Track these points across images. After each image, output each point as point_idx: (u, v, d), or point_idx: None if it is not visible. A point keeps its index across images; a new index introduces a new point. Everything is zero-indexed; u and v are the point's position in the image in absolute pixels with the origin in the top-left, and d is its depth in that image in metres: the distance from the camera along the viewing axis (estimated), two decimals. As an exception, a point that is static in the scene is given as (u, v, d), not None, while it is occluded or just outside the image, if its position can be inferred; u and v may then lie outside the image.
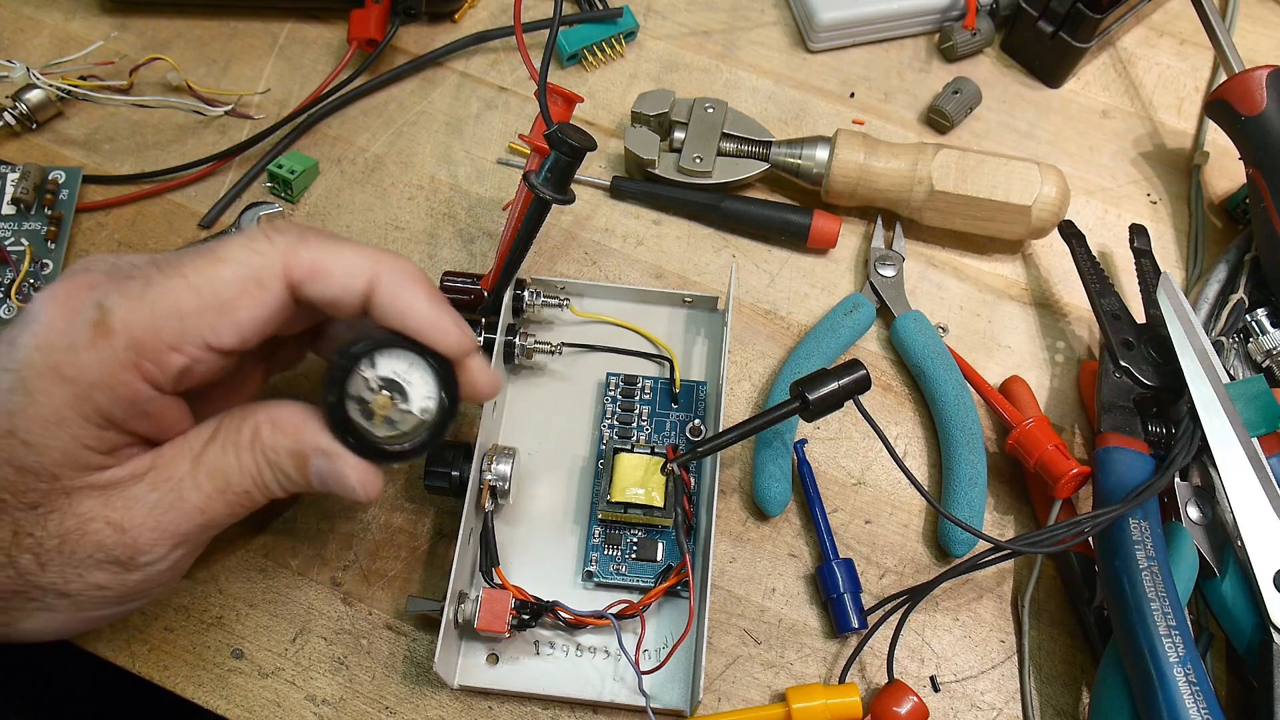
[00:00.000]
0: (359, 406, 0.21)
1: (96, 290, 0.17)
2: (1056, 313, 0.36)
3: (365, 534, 0.30)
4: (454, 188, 0.38)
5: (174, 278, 0.18)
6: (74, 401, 0.17)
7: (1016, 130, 0.40)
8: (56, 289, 0.17)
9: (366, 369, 0.21)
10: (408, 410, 0.21)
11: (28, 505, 0.17)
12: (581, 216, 0.37)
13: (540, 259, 0.36)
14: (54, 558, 0.18)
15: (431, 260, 0.36)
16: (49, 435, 0.17)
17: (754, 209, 0.36)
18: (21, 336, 0.17)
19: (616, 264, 0.36)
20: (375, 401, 0.21)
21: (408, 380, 0.21)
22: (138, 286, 0.17)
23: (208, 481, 0.19)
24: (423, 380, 0.21)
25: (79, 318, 0.17)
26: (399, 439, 0.21)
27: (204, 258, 0.18)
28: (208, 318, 0.18)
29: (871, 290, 0.35)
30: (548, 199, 0.28)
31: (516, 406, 0.32)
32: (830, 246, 0.36)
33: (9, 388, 0.17)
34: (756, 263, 0.37)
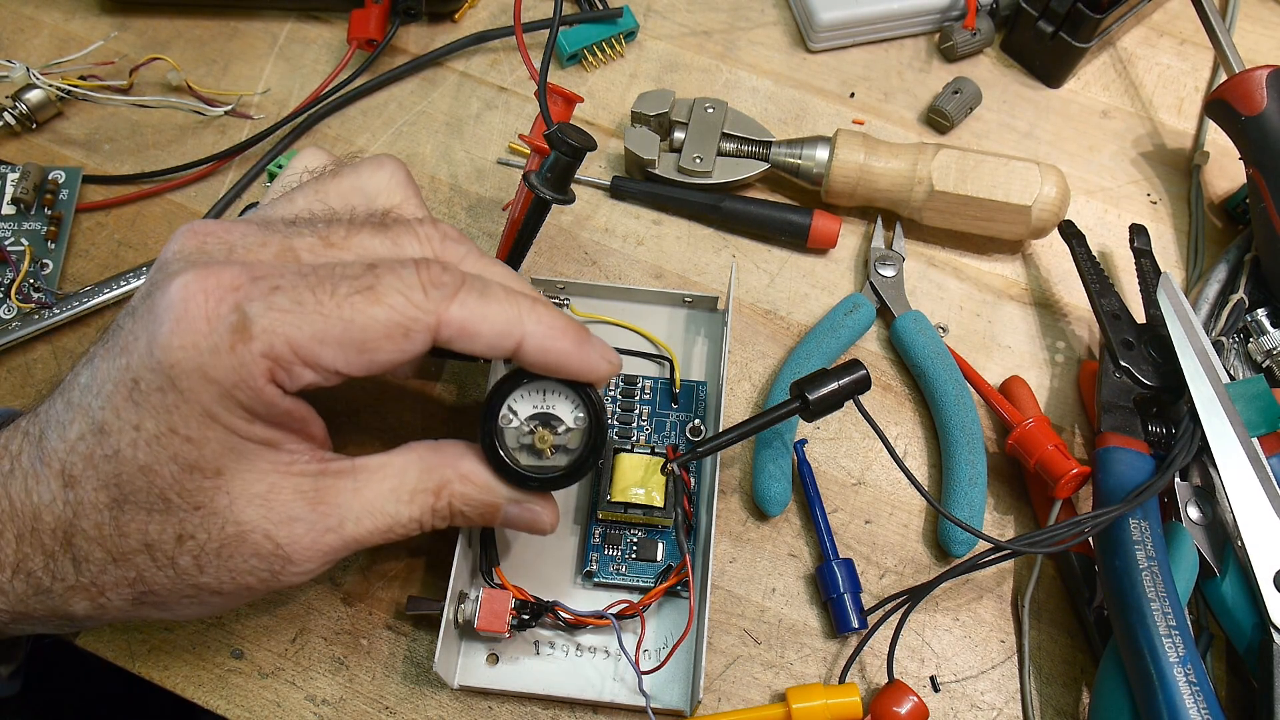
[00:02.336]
0: (524, 450, 0.23)
1: (238, 292, 0.17)
2: (1056, 313, 0.36)
3: (365, 534, 0.30)
4: (454, 188, 0.38)
5: (325, 303, 0.18)
6: (220, 399, 0.17)
7: (1016, 130, 0.40)
8: (194, 283, 0.17)
9: (515, 418, 0.23)
10: (567, 430, 0.23)
11: (192, 507, 0.18)
12: (581, 216, 0.37)
13: (540, 259, 0.36)
14: (212, 560, 0.18)
15: None
16: (206, 428, 0.17)
17: (754, 209, 0.36)
18: (164, 335, 0.17)
19: (616, 264, 0.36)
20: (537, 439, 0.23)
21: (552, 406, 0.23)
22: (286, 302, 0.18)
23: (371, 521, 0.20)
24: (564, 399, 0.23)
25: (221, 322, 0.17)
26: (565, 457, 0.23)
27: (361, 293, 0.18)
28: (348, 352, 0.18)
29: (871, 290, 0.35)
30: (548, 199, 0.28)
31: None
32: (830, 246, 0.36)
33: (161, 386, 0.17)
34: (756, 263, 0.37)
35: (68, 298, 0.33)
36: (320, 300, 0.18)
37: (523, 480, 0.22)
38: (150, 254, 0.35)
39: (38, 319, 0.33)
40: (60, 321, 0.33)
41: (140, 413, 0.17)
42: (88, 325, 0.34)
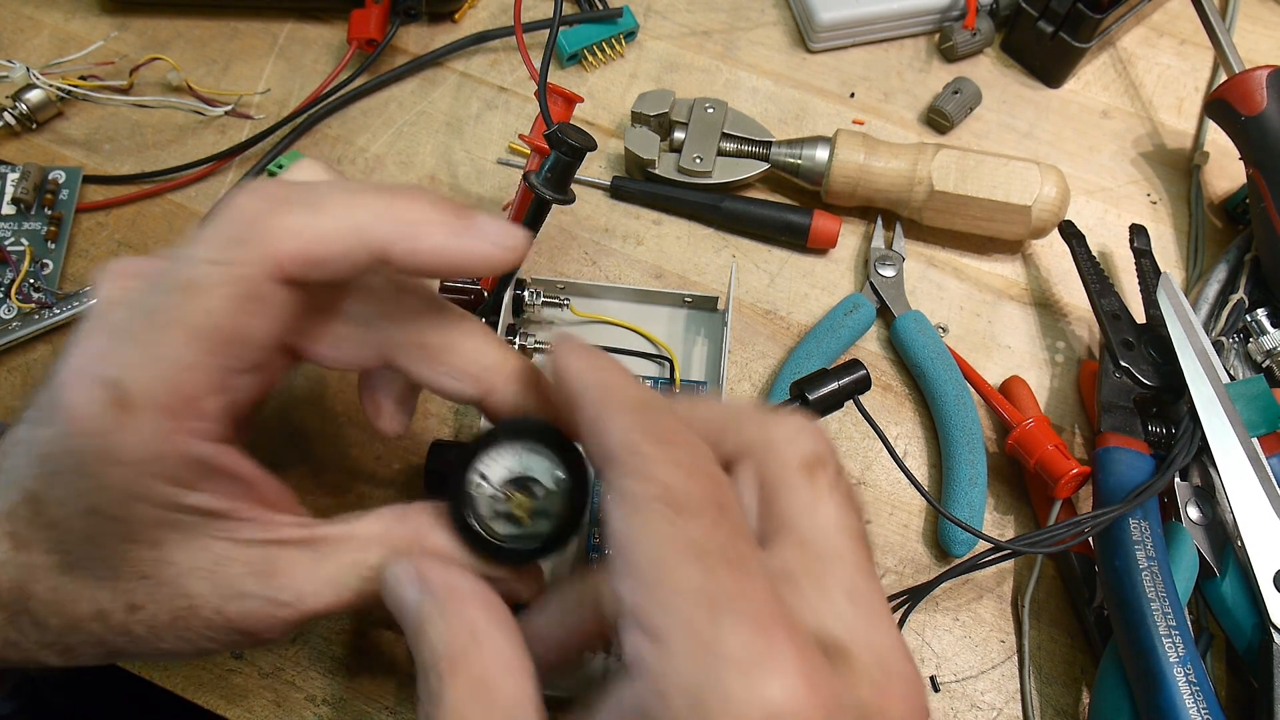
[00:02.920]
0: (500, 518, 0.20)
1: (104, 361, 0.16)
2: (1056, 313, 0.36)
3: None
4: (454, 187, 0.38)
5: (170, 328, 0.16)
6: (136, 478, 0.16)
7: (1016, 130, 0.40)
8: (65, 369, 0.16)
9: (486, 485, 0.20)
10: (547, 492, 0.20)
11: (138, 576, 0.17)
12: (581, 216, 0.37)
13: (540, 259, 0.36)
14: (168, 631, 0.18)
15: None
16: (131, 507, 0.16)
17: (754, 209, 0.36)
18: (61, 419, 0.16)
19: (616, 264, 0.36)
20: (514, 505, 0.20)
21: (528, 468, 0.20)
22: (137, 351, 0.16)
23: (332, 595, 0.19)
24: (540, 458, 0.20)
25: (95, 402, 0.15)
26: (547, 523, 0.20)
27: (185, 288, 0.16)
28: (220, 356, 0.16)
29: (871, 290, 0.35)
30: (548, 199, 0.28)
31: None
32: (830, 246, 0.36)
33: (75, 469, 0.16)
34: (756, 263, 0.37)
35: (68, 298, 0.33)
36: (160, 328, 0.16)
37: (500, 554, 0.19)
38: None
39: (38, 319, 0.33)
40: (60, 321, 0.33)
41: (66, 490, 0.16)
42: (88, 325, 0.34)
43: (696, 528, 0.14)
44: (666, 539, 0.14)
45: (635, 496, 0.15)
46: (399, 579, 0.18)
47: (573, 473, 0.20)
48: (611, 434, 0.15)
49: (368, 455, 0.32)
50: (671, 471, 0.15)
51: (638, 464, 0.15)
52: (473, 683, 0.16)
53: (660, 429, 0.15)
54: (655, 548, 0.14)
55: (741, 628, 0.13)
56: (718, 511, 0.15)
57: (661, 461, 0.15)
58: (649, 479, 0.15)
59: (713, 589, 0.14)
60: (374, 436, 0.32)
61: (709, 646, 0.13)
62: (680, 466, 0.15)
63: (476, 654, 0.17)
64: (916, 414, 0.33)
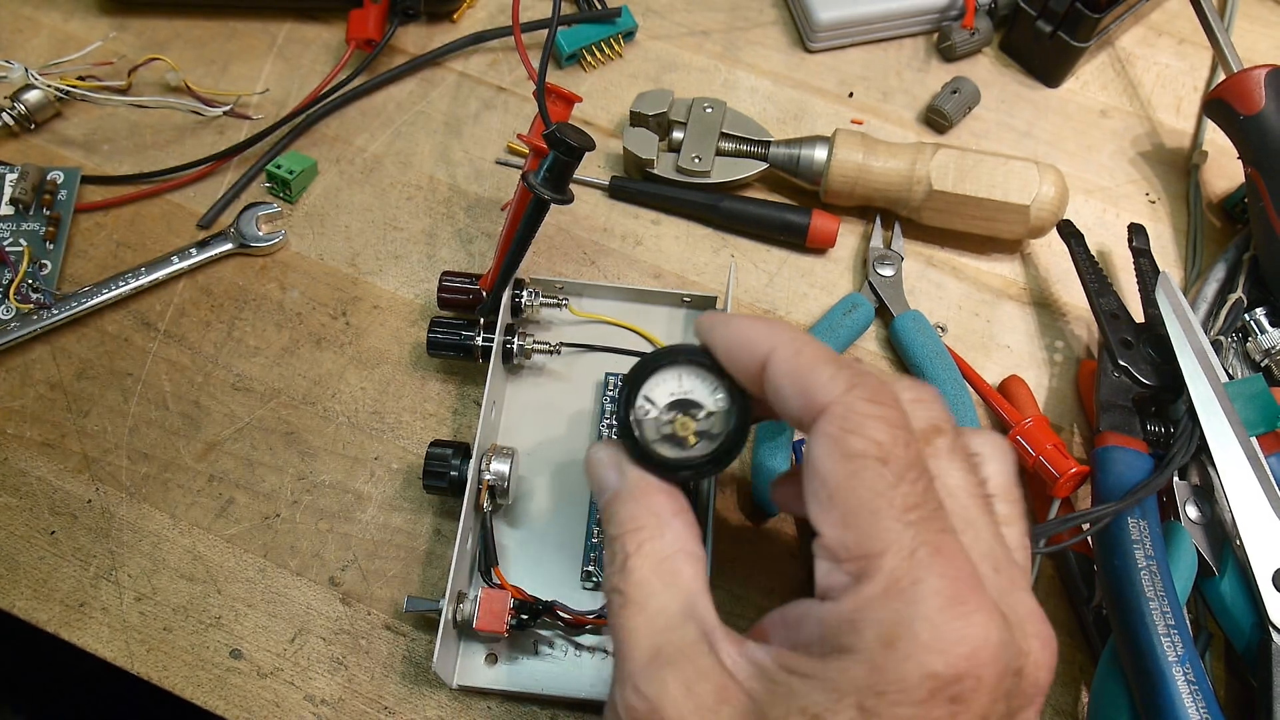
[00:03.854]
0: (665, 441, 0.21)
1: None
2: (1055, 312, 0.36)
3: (364, 534, 0.30)
4: (452, 188, 0.38)
5: None
6: None
7: (1015, 130, 0.40)
8: None
9: (652, 408, 0.21)
10: (708, 414, 0.21)
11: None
12: (580, 216, 0.37)
13: (539, 259, 0.36)
14: None
15: (430, 260, 0.36)
16: None
17: (752, 209, 0.36)
18: None
19: (615, 264, 0.36)
20: (678, 427, 0.21)
21: (690, 390, 0.21)
22: None
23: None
24: (701, 381, 0.21)
25: None
26: (709, 444, 0.21)
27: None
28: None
29: (870, 290, 0.35)
30: (546, 199, 0.28)
31: (515, 406, 0.32)
32: (829, 246, 0.36)
33: None
34: (755, 262, 0.37)
35: (66, 298, 0.33)
36: None
37: (671, 471, 0.21)
38: (149, 254, 0.35)
39: (36, 319, 0.33)
40: (59, 322, 0.33)
41: None
42: (86, 326, 0.34)
43: (906, 488, 0.16)
44: (879, 494, 0.16)
45: (854, 450, 0.16)
46: (602, 461, 0.21)
47: (732, 395, 0.21)
48: (822, 386, 0.17)
49: (367, 455, 0.32)
50: (886, 432, 0.16)
51: (857, 421, 0.17)
52: (657, 561, 0.19)
53: (869, 388, 0.17)
54: (870, 499, 0.16)
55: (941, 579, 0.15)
56: (921, 475, 0.16)
57: (877, 420, 0.17)
58: (866, 436, 0.16)
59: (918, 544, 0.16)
60: (372, 436, 0.32)
61: (909, 591, 0.15)
62: (893, 428, 0.17)
63: (659, 536, 0.19)
64: (915, 413, 0.33)
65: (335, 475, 0.31)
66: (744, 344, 0.19)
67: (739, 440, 0.21)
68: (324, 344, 0.34)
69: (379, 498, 0.31)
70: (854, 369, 0.18)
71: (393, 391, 0.33)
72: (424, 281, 0.35)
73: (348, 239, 0.36)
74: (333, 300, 0.35)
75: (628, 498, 0.20)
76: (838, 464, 0.16)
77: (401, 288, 0.35)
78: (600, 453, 0.21)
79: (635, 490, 0.20)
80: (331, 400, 0.33)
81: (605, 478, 0.21)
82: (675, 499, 0.20)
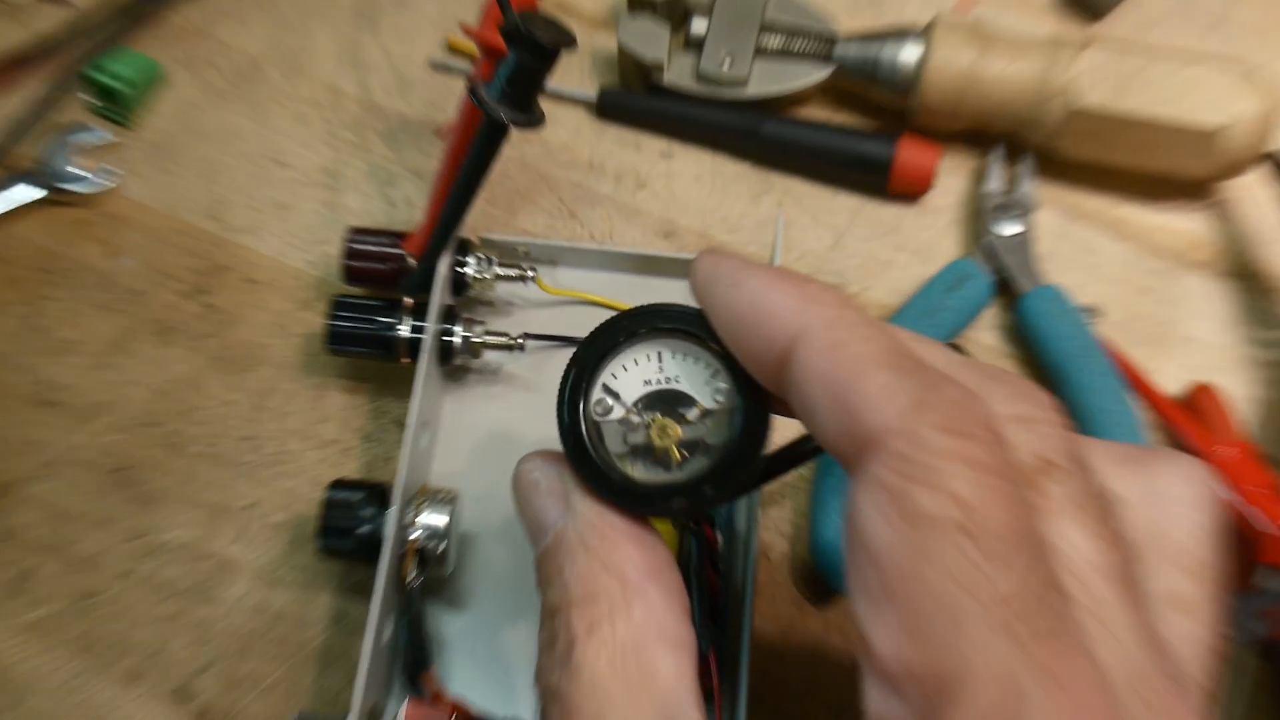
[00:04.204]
0: (636, 456, 0.20)
1: None
2: (1263, 288, 0.36)
3: (229, 621, 0.30)
4: (365, 104, 0.38)
5: None
6: None
7: (1201, 17, 0.40)
8: None
9: (616, 404, 0.20)
10: (703, 414, 0.20)
11: None
12: (554, 147, 0.37)
13: (494, 209, 0.36)
14: None
15: (331, 212, 0.36)
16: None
17: (810, 135, 0.36)
18: None
19: (606, 217, 0.36)
20: (655, 433, 0.20)
21: (674, 377, 0.20)
22: None
23: None
24: (692, 363, 0.20)
25: None
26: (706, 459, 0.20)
27: None
28: None
29: (986, 255, 0.35)
30: (504, 121, 0.28)
31: (458, 428, 0.32)
32: (923, 191, 0.36)
33: None
34: (815, 215, 0.37)
35: None
36: None
37: (644, 504, 0.19)
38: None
39: None
40: None
41: None
42: None
43: (1006, 574, 0.14)
44: (961, 584, 0.14)
45: (922, 512, 0.15)
46: (538, 485, 0.20)
47: (741, 386, 0.20)
48: (873, 404, 0.16)
49: (234, 502, 0.32)
50: (973, 483, 0.15)
51: (927, 465, 0.15)
52: (619, 651, 0.18)
53: (948, 407, 0.16)
54: (946, 593, 0.14)
55: None
56: (1033, 554, 0.15)
57: (959, 462, 0.15)
58: (941, 490, 0.15)
59: (1022, 667, 0.14)
60: (243, 474, 0.32)
61: None
62: (986, 474, 0.15)
63: (623, 612, 0.18)
64: (1055, 439, 0.33)
65: (187, 533, 0.31)
66: (757, 317, 0.18)
67: (751, 455, 0.19)
68: (172, 336, 0.34)
69: (252, 566, 0.31)
70: (924, 376, 0.16)
71: (274, 407, 0.33)
72: (322, 243, 0.35)
73: (208, 181, 0.36)
74: (186, 271, 0.35)
75: (578, 548, 0.19)
76: (896, 534, 0.15)
77: (288, 252, 0.35)
78: (536, 471, 0.20)
79: (589, 535, 0.19)
80: (182, 420, 0.33)
81: (542, 512, 0.20)
82: (651, 551, 0.19)
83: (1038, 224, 0.36)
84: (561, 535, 0.19)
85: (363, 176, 0.37)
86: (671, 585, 0.19)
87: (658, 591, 0.19)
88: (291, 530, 0.31)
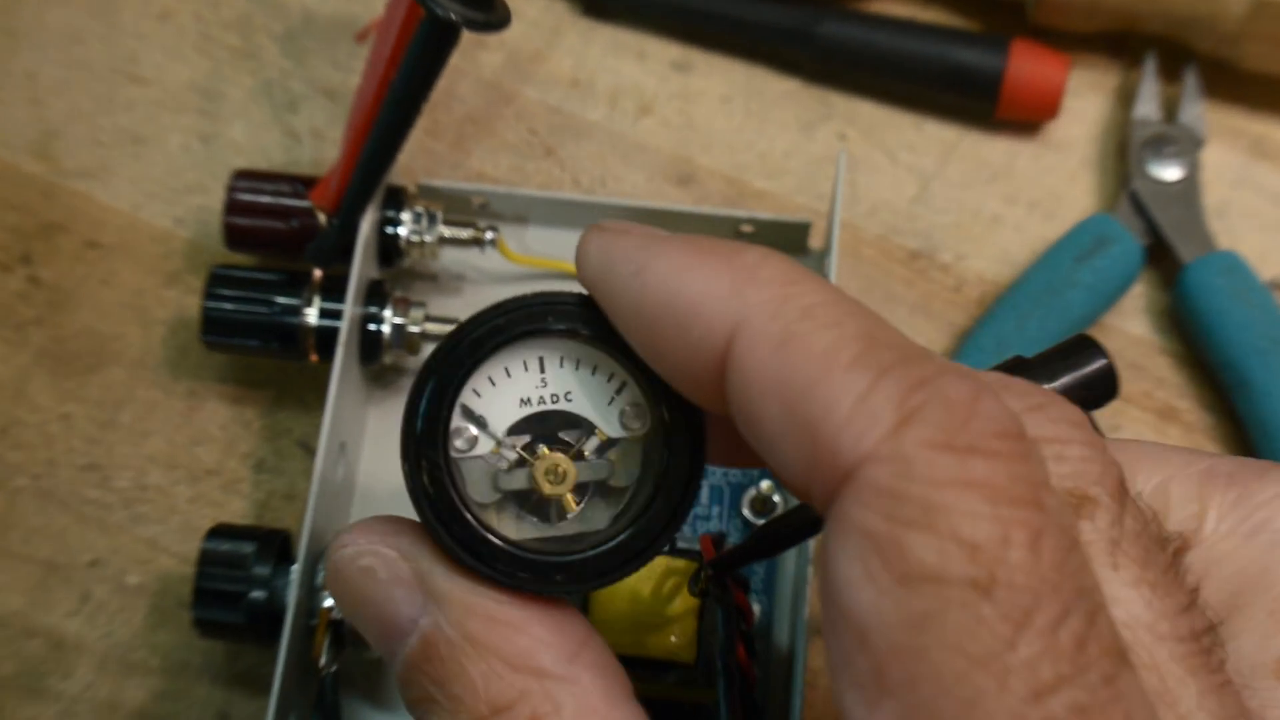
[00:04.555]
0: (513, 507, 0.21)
1: None
2: None
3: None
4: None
5: None
6: None
7: None
8: None
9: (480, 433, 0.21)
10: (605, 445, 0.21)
11: None
12: (524, 56, 0.37)
13: (439, 143, 0.36)
14: None
15: (208, 147, 0.36)
16: None
17: (885, 39, 0.37)
18: None
19: (596, 155, 0.37)
20: (540, 473, 0.21)
21: (566, 391, 0.21)
22: None
23: None
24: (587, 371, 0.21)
25: None
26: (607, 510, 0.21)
27: None
28: None
29: (1134, 209, 0.36)
30: (452, 20, 0.28)
31: (388, 452, 0.32)
32: (1045, 117, 0.37)
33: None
34: (891, 152, 0.37)
35: None
36: None
37: (526, 574, 0.20)
38: None
39: None
40: None
41: None
42: None
43: (1043, 652, 0.15)
44: (983, 666, 0.15)
45: (919, 568, 0.15)
46: (373, 573, 0.21)
47: (659, 402, 0.20)
48: (846, 414, 0.16)
49: (75, 556, 0.32)
50: (989, 519, 0.15)
51: (918, 498, 0.15)
52: None
53: (945, 410, 0.16)
54: (961, 678, 0.15)
55: None
56: (1078, 617, 0.15)
57: (967, 493, 0.15)
58: (944, 533, 0.15)
59: None
60: (85, 518, 0.32)
61: None
62: (1005, 505, 0.15)
63: (555, 717, 0.19)
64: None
65: (6, 601, 0.31)
66: (673, 312, 0.19)
67: (678, 504, 0.20)
68: (-16, 323, 0.34)
69: (99, 647, 0.31)
70: (912, 370, 0.16)
71: (129, 424, 0.33)
72: (194, 192, 0.36)
73: (34, 105, 0.37)
74: (2, 232, 0.35)
75: (462, 647, 0.20)
76: (887, 599, 0.15)
77: (146, 205, 0.36)
78: (365, 555, 0.21)
79: (473, 627, 0.20)
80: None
81: (389, 610, 0.21)
82: (563, 623, 0.20)
83: (1206, 166, 0.36)
84: (431, 637, 0.20)
85: (251, 98, 0.37)
86: (600, 661, 0.20)
87: (588, 674, 0.19)
88: (154, 596, 0.32)
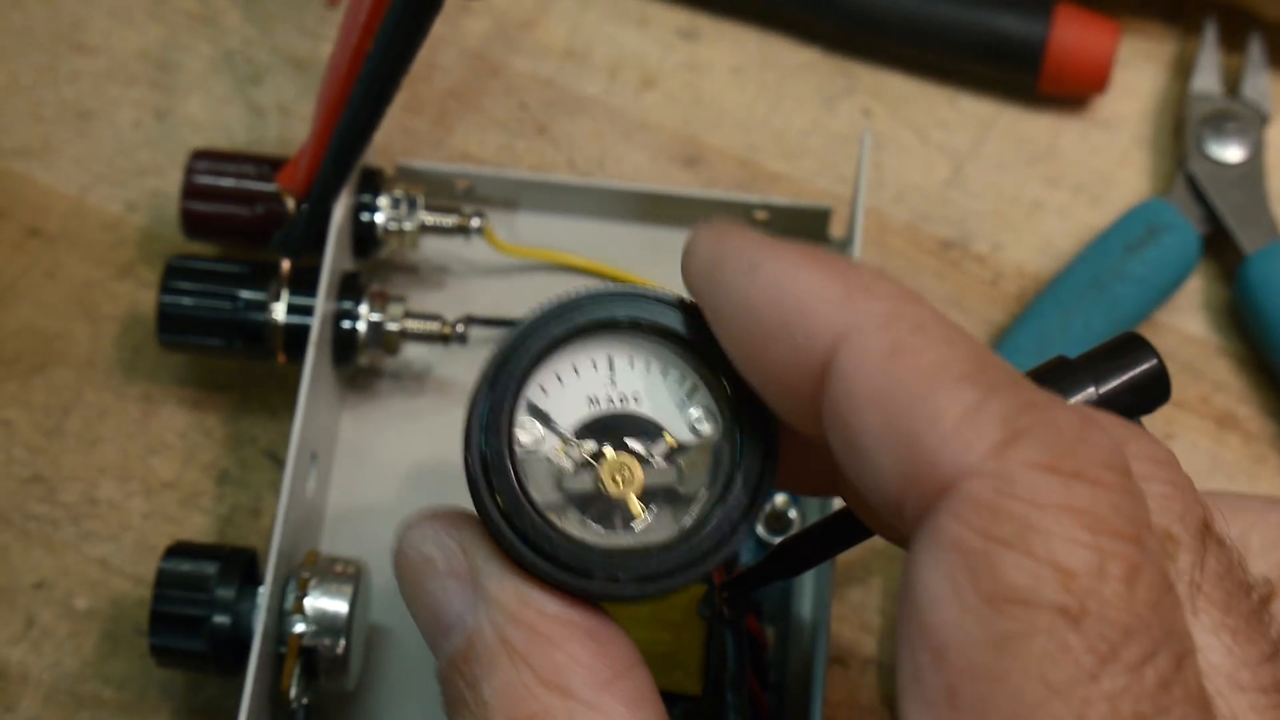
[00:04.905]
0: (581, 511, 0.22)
1: None
2: None
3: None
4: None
5: None
6: None
7: None
8: None
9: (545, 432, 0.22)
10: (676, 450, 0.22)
11: None
12: (512, 23, 0.38)
13: (420, 121, 0.36)
14: None
15: (163, 124, 0.36)
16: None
17: (913, 3, 0.37)
18: None
19: (594, 133, 0.37)
20: (606, 475, 0.22)
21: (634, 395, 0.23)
22: None
23: None
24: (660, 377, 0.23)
25: None
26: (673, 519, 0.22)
27: None
28: None
29: (1192, 193, 0.36)
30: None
31: (364, 462, 0.33)
32: (1093, 91, 0.37)
33: None
34: (921, 130, 0.37)
35: None
36: None
37: (585, 580, 0.21)
38: None
39: None
40: None
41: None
42: None
43: (1128, 688, 0.16)
44: (1064, 697, 0.16)
45: (1009, 589, 0.16)
46: (433, 562, 0.22)
47: (738, 412, 0.22)
48: (948, 430, 0.18)
49: (17, 579, 0.32)
50: (1087, 547, 0.17)
51: (1018, 518, 0.17)
52: None
53: (1055, 435, 0.17)
54: (1040, 706, 0.16)
55: None
56: (1167, 657, 0.17)
57: (1068, 519, 0.17)
58: (1039, 556, 0.16)
59: None
60: (29, 536, 0.33)
61: None
62: (1105, 536, 0.17)
63: None
64: (1296, 480, 0.34)
65: None
66: (781, 314, 0.20)
67: (750, 511, 0.22)
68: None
69: (46, 678, 0.31)
70: (1023, 394, 0.18)
71: (77, 432, 0.33)
72: (148, 174, 0.36)
73: None
74: None
75: (498, 653, 0.21)
76: (972, 618, 0.17)
77: (95, 188, 0.36)
78: (428, 543, 0.23)
79: (514, 633, 0.21)
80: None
81: (442, 603, 0.22)
82: (607, 647, 0.21)
83: (1272, 145, 0.36)
84: (474, 636, 0.21)
85: (211, 69, 0.37)
86: (637, 694, 0.21)
87: (619, 706, 0.20)
88: (106, 621, 0.32)
